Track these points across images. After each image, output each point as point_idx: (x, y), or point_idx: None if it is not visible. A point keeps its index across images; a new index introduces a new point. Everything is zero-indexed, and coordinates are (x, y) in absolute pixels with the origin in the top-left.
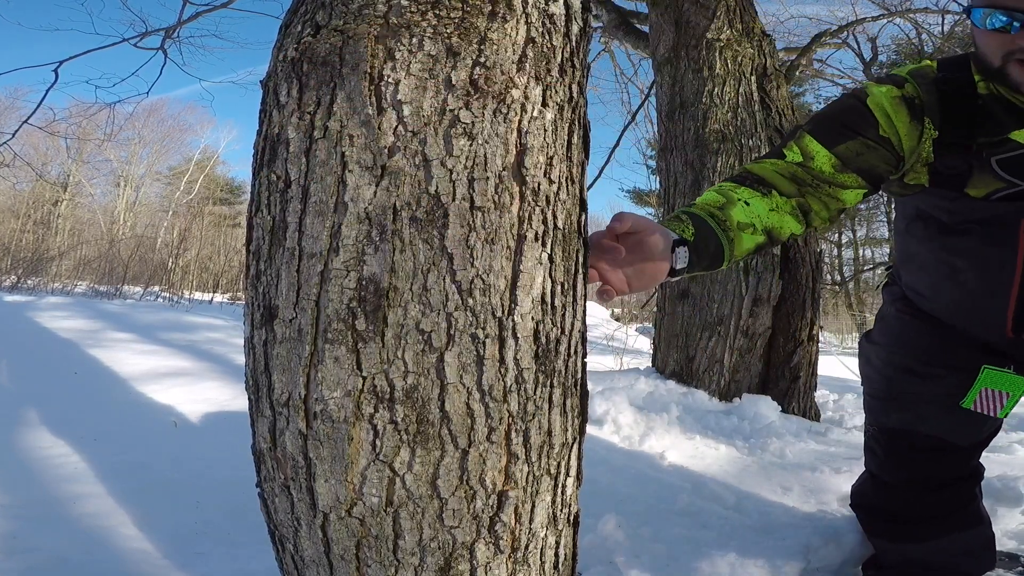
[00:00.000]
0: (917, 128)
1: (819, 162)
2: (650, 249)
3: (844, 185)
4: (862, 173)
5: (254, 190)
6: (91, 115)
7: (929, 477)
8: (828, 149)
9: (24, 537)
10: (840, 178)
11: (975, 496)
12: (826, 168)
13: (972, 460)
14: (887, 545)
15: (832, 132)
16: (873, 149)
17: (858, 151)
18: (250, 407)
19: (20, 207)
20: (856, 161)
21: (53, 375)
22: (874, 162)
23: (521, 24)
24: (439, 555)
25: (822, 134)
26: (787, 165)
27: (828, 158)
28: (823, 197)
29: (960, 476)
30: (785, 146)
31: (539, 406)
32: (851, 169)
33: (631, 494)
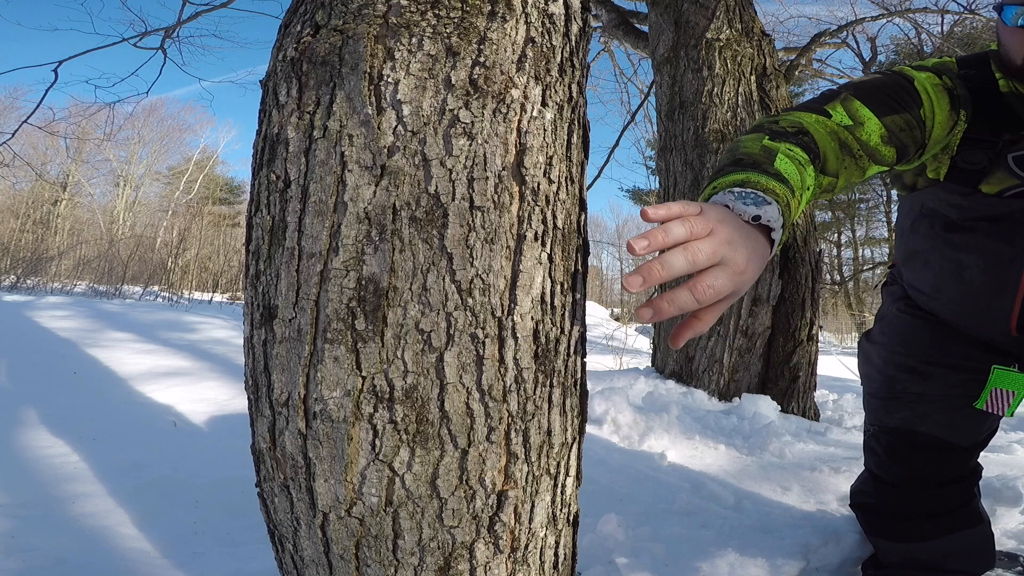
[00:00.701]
0: (953, 119)
1: (869, 130)
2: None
3: (880, 160)
4: (898, 149)
5: (253, 190)
6: (90, 115)
7: (929, 476)
8: (878, 118)
9: (23, 536)
10: (882, 150)
11: (974, 495)
12: (874, 138)
13: (972, 460)
14: (887, 544)
15: (882, 102)
16: (911, 129)
17: (902, 127)
18: (249, 407)
19: (19, 207)
20: (899, 136)
21: (52, 375)
22: (907, 141)
23: (521, 24)
24: (438, 555)
25: (871, 101)
26: (836, 127)
27: (878, 127)
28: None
29: (960, 475)
30: (828, 104)
31: (539, 406)
32: (893, 144)
33: (630, 494)
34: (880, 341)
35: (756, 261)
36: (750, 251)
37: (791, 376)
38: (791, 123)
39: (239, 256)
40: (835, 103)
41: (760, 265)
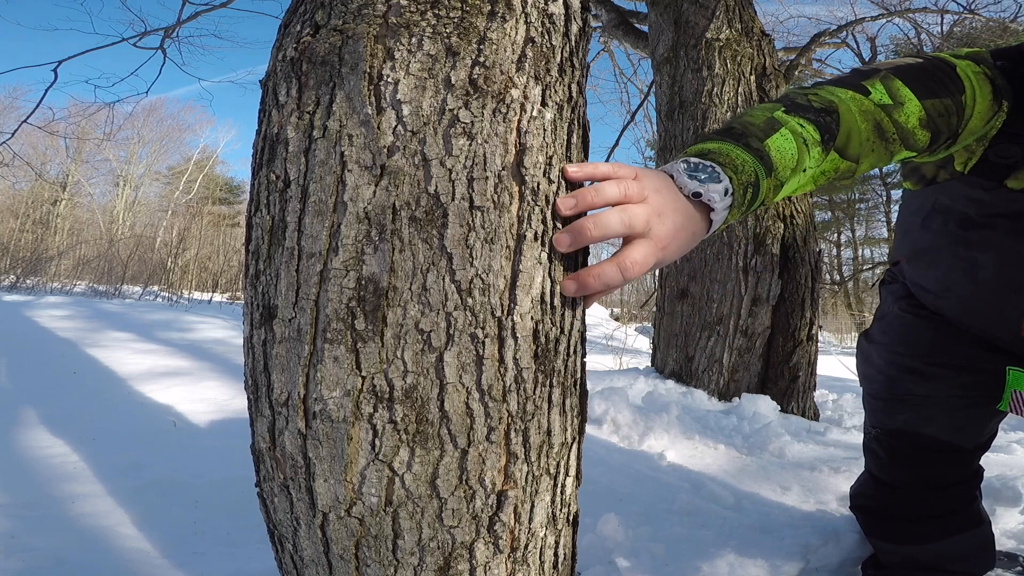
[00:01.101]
0: (994, 109)
1: (908, 111)
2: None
3: (912, 145)
4: (932, 135)
5: (253, 190)
6: (90, 115)
7: (931, 478)
8: (919, 100)
9: (22, 536)
10: (917, 135)
11: (976, 497)
12: (912, 121)
13: (975, 461)
14: (887, 546)
15: (923, 83)
16: (949, 115)
17: (941, 112)
18: (249, 407)
19: (19, 207)
20: (936, 122)
21: (52, 374)
22: (944, 128)
23: (520, 24)
24: (438, 555)
25: (912, 82)
26: (873, 108)
27: (918, 109)
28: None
29: (963, 477)
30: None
31: (538, 406)
32: (929, 129)
33: (630, 494)
34: (881, 341)
35: (682, 239)
36: (677, 227)
37: (791, 376)
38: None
39: (239, 256)
40: (874, 80)
41: (686, 244)
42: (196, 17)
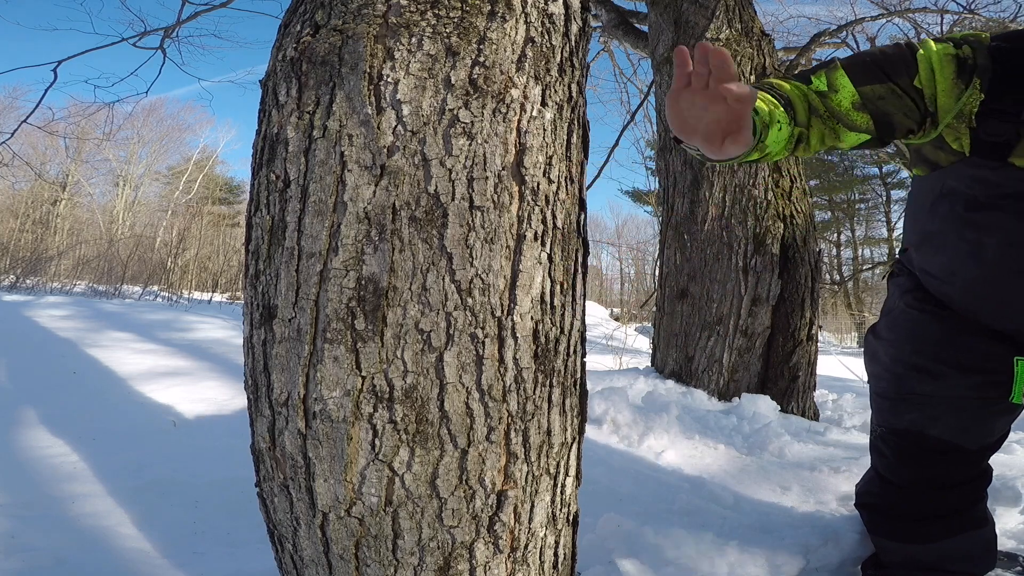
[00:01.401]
0: (960, 86)
1: (841, 97)
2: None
3: (852, 125)
4: (875, 117)
5: (253, 190)
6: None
7: (936, 478)
8: (855, 87)
9: (22, 536)
10: (853, 116)
11: (982, 497)
12: (845, 104)
13: (982, 462)
14: (891, 545)
15: (865, 72)
16: (898, 97)
17: (881, 95)
18: (249, 407)
19: (19, 206)
20: (876, 104)
21: (52, 374)
22: (892, 110)
23: (520, 24)
24: (438, 555)
25: (854, 71)
26: (808, 91)
27: (851, 95)
28: (826, 131)
29: (969, 478)
30: (815, 73)
31: (538, 406)
32: (867, 110)
33: (630, 493)
34: (887, 338)
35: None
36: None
37: (791, 376)
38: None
39: (239, 256)
40: (820, 72)
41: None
42: (196, 17)
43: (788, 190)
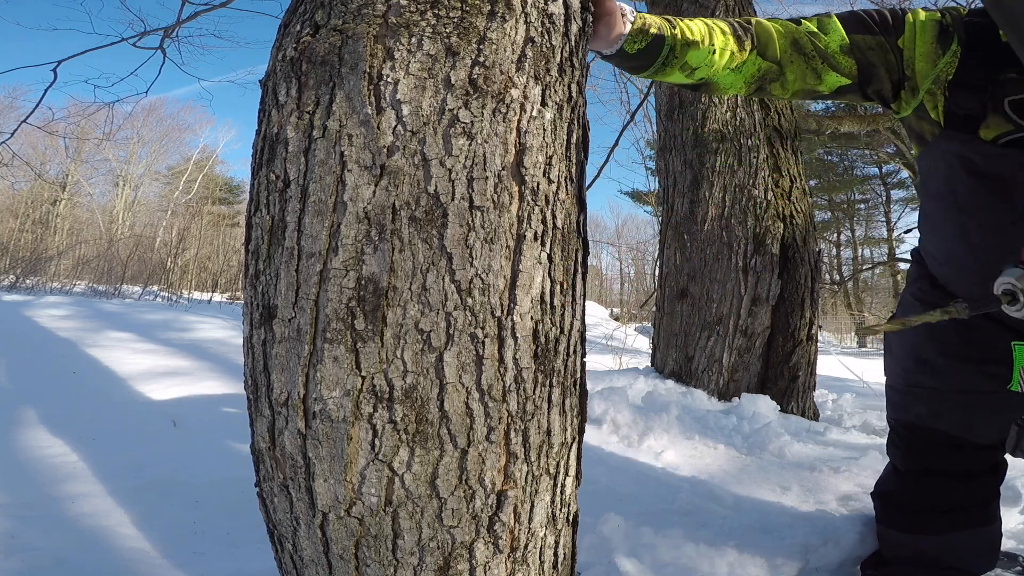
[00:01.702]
0: (939, 51)
1: (830, 39)
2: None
3: (837, 66)
4: (860, 64)
5: (253, 190)
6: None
7: (945, 471)
8: (847, 33)
9: (22, 536)
10: (839, 58)
11: (992, 495)
12: (833, 46)
13: (994, 457)
14: (896, 536)
15: (858, 22)
16: (884, 52)
17: (871, 46)
18: (249, 406)
19: (19, 206)
20: (863, 52)
21: (51, 374)
22: (876, 61)
23: (520, 24)
24: (438, 555)
25: (848, 21)
26: (797, 29)
27: (841, 39)
28: (807, 70)
29: (977, 473)
30: (808, 18)
31: (538, 405)
32: (854, 56)
33: (630, 493)
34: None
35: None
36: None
37: (790, 376)
38: (746, 20)
39: (238, 256)
40: (816, 17)
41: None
42: (196, 17)
43: (788, 190)
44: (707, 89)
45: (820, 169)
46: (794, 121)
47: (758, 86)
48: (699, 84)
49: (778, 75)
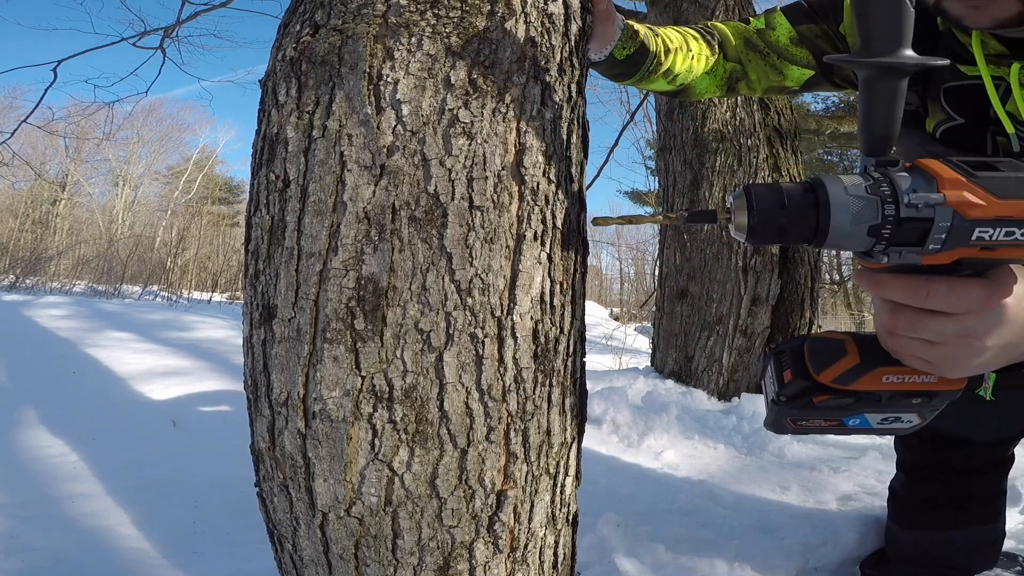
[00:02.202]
0: None
1: (778, 33)
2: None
3: (793, 59)
4: (815, 52)
5: (253, 189)
6: (90, 114)
7: (947, 468)
8: (792, 25)
9: (22, 536)
10: (792, 51)
11: (995, 493)
12: (783, 39)
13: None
14: (901, 532)
15: (800, 12)
16: (830, 40)
17: (817, 34)
18: (249, 406)
19: (18, 206)
20: (813, 41)
21: (51, 374)
22: (828, 49)
23: (520, 24)
24: (438, 555)
25: (792, 12)
26: (747, 29)
27: (788, 31)
28: (767, 67)
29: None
30: (755, 16)
31: (538, 405)
32: (806, 46)
33: (630, 493)
34: None
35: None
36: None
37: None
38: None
39: (238, 256)
40: (760, 16)
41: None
42: (196, 17)
43: None
44: (685, 94)
45: (820, 169)
46: (794, 121)
47: (728, 87)
48: (679, 90)
49: (742, 74)
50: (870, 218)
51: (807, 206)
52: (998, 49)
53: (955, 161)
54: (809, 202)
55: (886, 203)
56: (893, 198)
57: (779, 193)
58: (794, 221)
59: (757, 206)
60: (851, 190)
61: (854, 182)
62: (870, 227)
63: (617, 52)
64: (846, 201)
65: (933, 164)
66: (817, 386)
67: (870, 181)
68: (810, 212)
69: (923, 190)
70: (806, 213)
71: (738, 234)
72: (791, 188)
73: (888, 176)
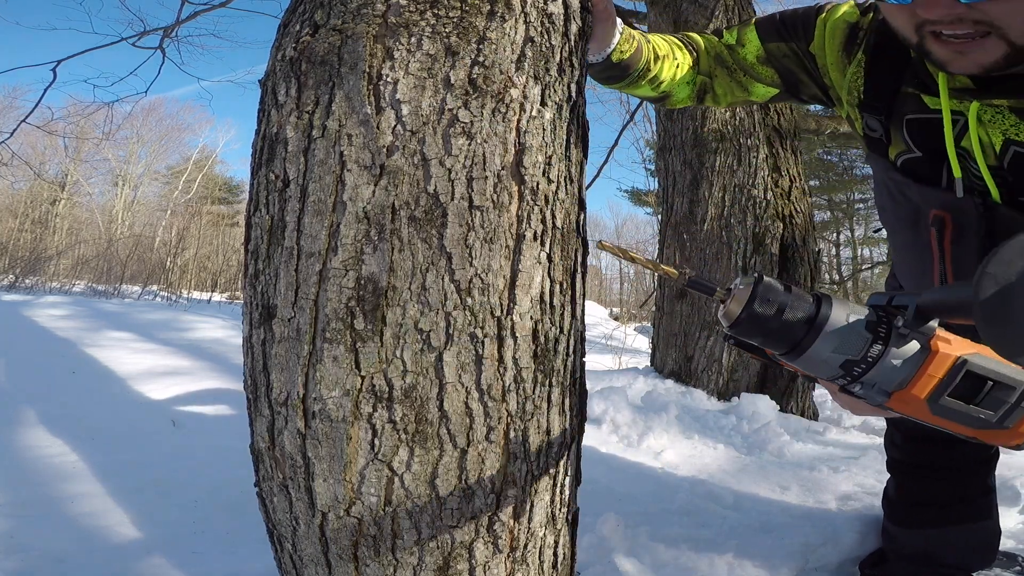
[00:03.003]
0: (845, 61)
1: (747, 51)
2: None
3: (759, 77)
4: (781, 72)
5: (252, 189)
6: (89, 114)
7: (938, 465)
8: (761, 42)
9: (21, 536)
10: (759, 69)
11: (986, 489)
12: (750, 57)
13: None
14: (897, 530)
15: (773, 29)
16: (797, 58)
17: (785, 53)
18: (248, 406)
19: (18, 206)
20: (780, 60)
21: (51, 374)
22: (794, 68)
23: (520, 23)
24: (437, 554)
25: (763, 28)
26: (719, 44)
27: (757, 49)
28: (732, 83)
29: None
30: (729, 28)
31: (538, 405)
32: (772, 65)
33: (629, 493)
34: None
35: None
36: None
37: (790, 375)
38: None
39: (238, 255)
40: (734, 29)
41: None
42: (195, 17)
43: (787, 190)
44: (665, 102)
45: (820, 169)
46: (793, 121)
47: (699, 98)
48: (660, 97)
49: (710, 87)
50: (851, 351)
51: (800, 324)
52: (964, 83)
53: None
54: (805, 320)
55: (875, 343)
56: (884, 345)
57: (783, 299)
58: (781, 333)
59: (756, 307)
60: (851, 316)
61: (856, 313)
62: (847, 360)
63: (615, 54)
64: (839, 331)
65: (944, 348)
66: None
67: (874, 318)
68: (800, 330)
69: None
70: (796, 330)
71: (724, 319)
72: (799, 299)
73: (895, 330)
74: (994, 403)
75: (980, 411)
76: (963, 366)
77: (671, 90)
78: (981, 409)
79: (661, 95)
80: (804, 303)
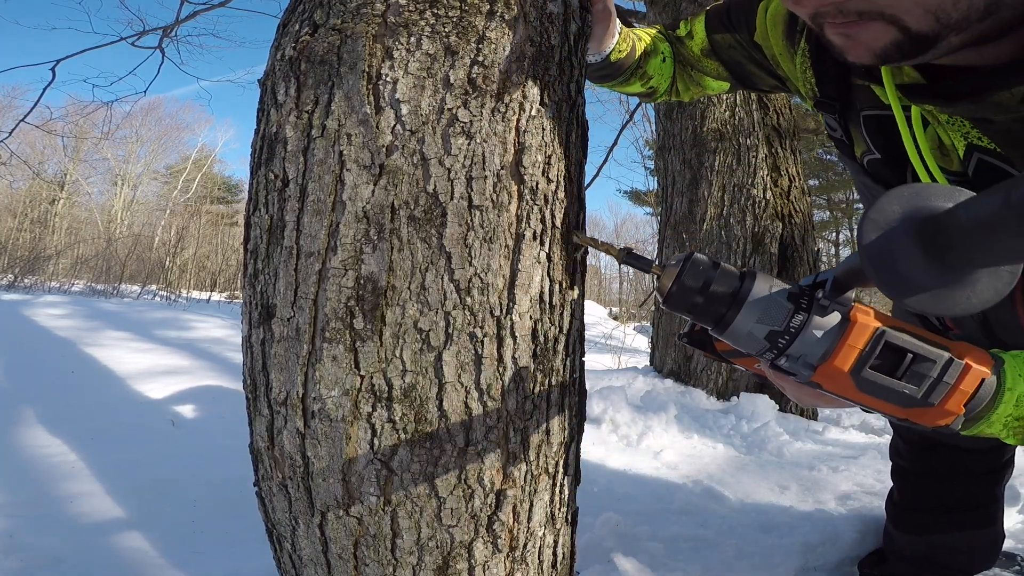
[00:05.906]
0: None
1: (694, 43)
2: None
3: (705, 71)
4: (727, 64)
5: (252, 189)
6: (88, 114)
7: (944, 473)
8: (707, 35)
9: (20, 536)
10: (703, 63)
11: (991, 498)
12: (695, 50)
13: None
14: (899, 535)
15: (718, 21)
16: (744, 49)
17: (731, 44)
18: (248, 406)
19: (17, 206)
20: (726, 51)
21: (50, 374)
22: (742, 59)
23: (519, 23)
24: (437, 554)
25: (711, 19)
26: (671, 36)
27: (702, 41)
28: (686, 77)
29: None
30: (685, 19)
31: (537, 405)
32: (717, 58)
33: (629, 493)
34: None
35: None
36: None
37: None
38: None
39: (237, 255)
40: (688, 20)
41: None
42: (195, 16)
43: (787, 189)
44: (651, 96)
45: (819, 168)
46: (793, 120)
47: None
48: (648, 92)
49: (675, 80)
50: (774, 322)
51: (725, 297)
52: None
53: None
54: (730, 293)
55: (797, 313)
56: (806, 315)
57: (710, 274)
58: (707, 306)
59: (684, 279)
60: (774, 288)
61: (779, 286)
62: (771, 331)
63: (613, 54)
64: (761, 301)
65: (863, 318)
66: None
67: (796, 290)
68: (724, 303)
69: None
70: (721, 303)
71: (658, 293)
72: (725, 274)
73: (816, 301)
74: (916, 377)
75: (904, 386)
76: (882, 336)
77: (657, 85)
78: (905, 384)
79: (649, 90)
80: (730, 277)
